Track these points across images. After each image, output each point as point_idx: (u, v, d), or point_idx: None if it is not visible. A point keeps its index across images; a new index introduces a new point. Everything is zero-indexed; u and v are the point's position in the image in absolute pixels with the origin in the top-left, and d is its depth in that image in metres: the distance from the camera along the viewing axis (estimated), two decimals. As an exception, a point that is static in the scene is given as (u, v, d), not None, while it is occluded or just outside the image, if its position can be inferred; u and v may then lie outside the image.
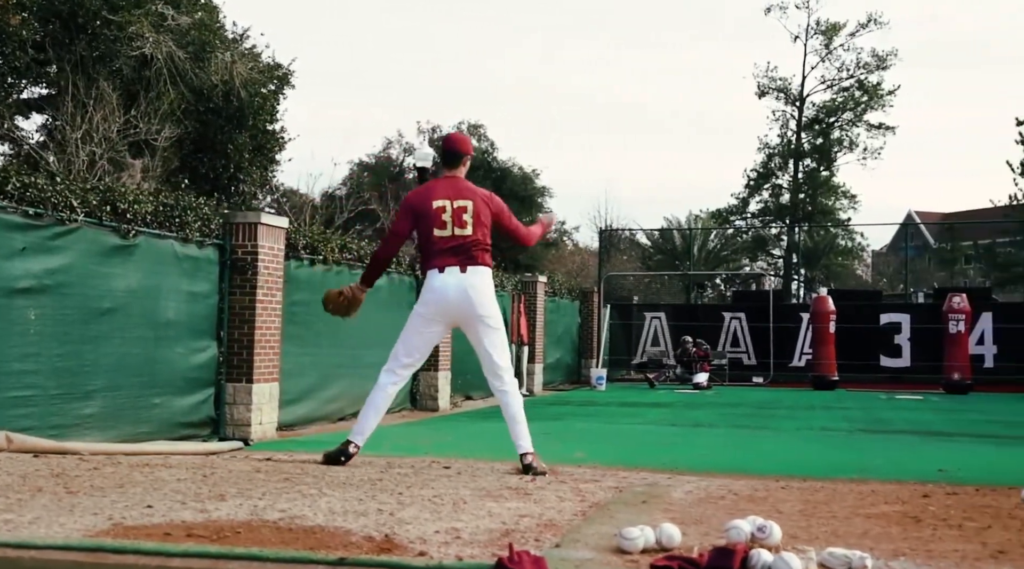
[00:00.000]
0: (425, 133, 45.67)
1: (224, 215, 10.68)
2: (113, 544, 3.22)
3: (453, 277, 6.52)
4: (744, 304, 24.98)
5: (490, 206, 6.65)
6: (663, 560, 3.36)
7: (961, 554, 3.74)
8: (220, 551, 3.21)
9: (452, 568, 3.22)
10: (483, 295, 6.59)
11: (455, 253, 6.52)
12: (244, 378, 10.44)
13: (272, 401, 10.81)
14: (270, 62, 20.37)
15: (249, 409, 10.40)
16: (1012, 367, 22.12)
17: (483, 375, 6.53)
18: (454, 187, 6.64)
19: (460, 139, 7.09)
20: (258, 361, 10.55)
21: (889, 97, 46.50)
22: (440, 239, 6.54)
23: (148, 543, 3.28)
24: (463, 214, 6.51)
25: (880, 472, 7.36)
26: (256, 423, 10.41)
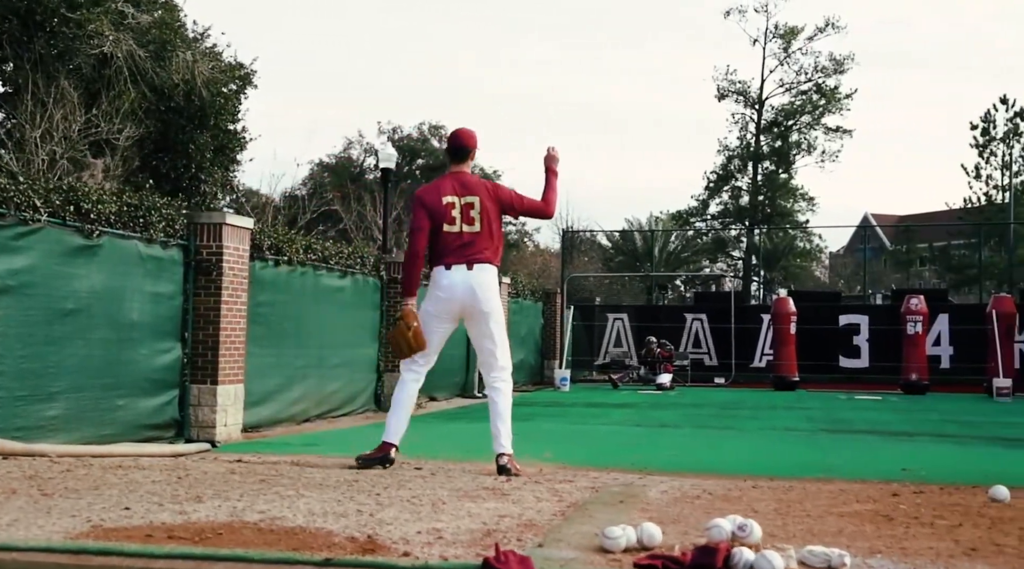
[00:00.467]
0: (386, 133, 45.61)
1: (188, 215, 10.58)
2: (97, 546, 3.20)
3: (460, 275, 6.59)
4: (706, 305, 25.14)
5: (496, 198, 6.70)
6: (646, 559, 3.39)
7: (935, 552, 3.79)
8: (205, 552, 3.19)
9: (438, 568, 3.23)
10: (489, 291, 6.66)
11: (463, 250, 6.59)
12: (209, 379, 10.35)
13: (237, 403, 10.73)
14: (232, 61, 20.22)
15: (214, 411, 10.32)
16: (967, 368, 22.44)
17: (447, 376, 6.43)
18: (462, 183, 6.71)
19: (467, 134, 6.99)
20: (223, 362, 10.47)
21: (846, 100, 47.10)
22: (449, 235, 6.61)
23: (131, 545, 3.26)
24: (471, 211, 6.58)
25: (845, 471, 7.44)
26: (221, 425, 10.33)
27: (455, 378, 17.94)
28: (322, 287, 13.07)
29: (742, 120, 47.50)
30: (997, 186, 49.80)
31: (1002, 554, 3.82)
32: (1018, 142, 47.15)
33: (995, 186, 49.88)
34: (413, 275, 6.80)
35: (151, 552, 3.17)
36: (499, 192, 6.79)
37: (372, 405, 14.54)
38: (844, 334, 23.39)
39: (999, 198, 49.27)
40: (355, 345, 14.17)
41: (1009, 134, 46.57)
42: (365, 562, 3.22)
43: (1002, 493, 5.42)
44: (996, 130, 49.83)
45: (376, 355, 14.77)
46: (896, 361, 21.60)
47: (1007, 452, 9.65)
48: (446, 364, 17.29)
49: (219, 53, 20.54)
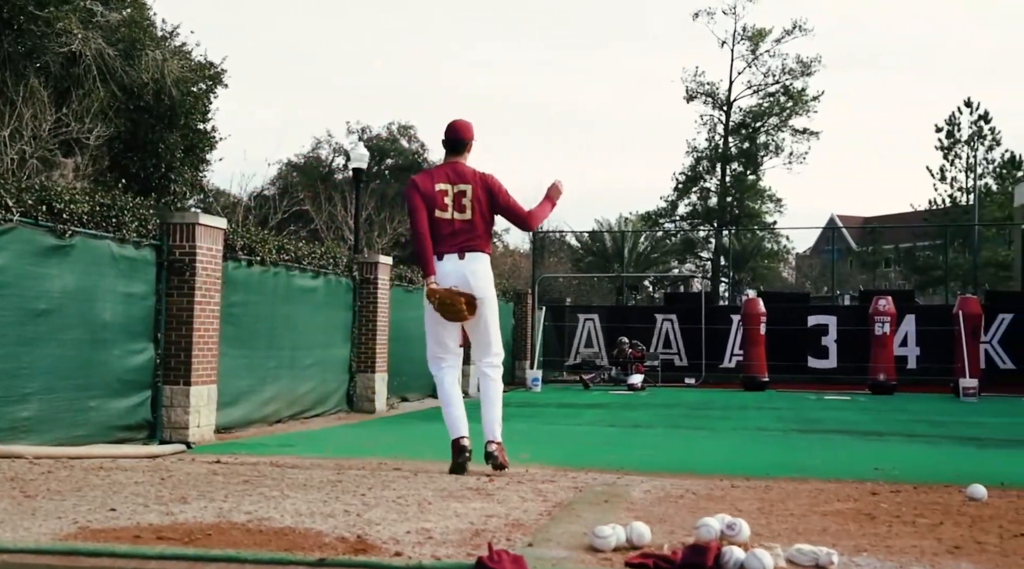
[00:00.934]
0: (355, 133, 45.44)
1: (161, 215, 10.52)
2: (87, 547, 3.18)
3: (452, 264, 6.64)
4: (676, 306, 25.24)
5: (486, 186, 6.73)
6: (638, 558, 3.41)
7: (919, 550, 3.84)
8: (196, 553, 3.18)
9: (432, 567, 3.23)
10: (481, 279, 6.71)
11: (455, 238, 6.64)
12: (182, 380, 10.29)
13: (210, 403, 10.68)
14: (202, 61, 20.08)
15: (187, 411, 10.26)
16: (934, 368, 22.70)
17: (418, 378, 6.40)
18: (456, 172, 6.76)
19: (464, 126, 7.02)
20: (196, 363, 10.42)
21: (813, 103, 47.44)
22: (441, 222, 6.65)
23: (122, 546, 3.24)
24: (463, 198, 6.63)
25: (819, 471, 7.51)
26: (194, 426, 10.27)
27: (425, 379, 17.89)
28: (295, 287, 13.02)
29: (710, 121, 47.81)
30: (962, 188, 50.42)
31: (985, 552, 3.87)
32: (982, 145, 47.74)
33: (959, 188, 50.52)
34: (425, 255, 6.74)
35: (142, 553, 3.16)
36: (488, 181, 6.80)
37: (344, 406, 14.51)
38: (812, 335, 23.58)
39: (963, 200, 49.86)
40: (328, 346, 14.13)
41: (973, 137, 47.13)
42: (358, 562, 3.22)
43: (980, 492, 5.50)
44: (960, 133, 50.47)
45: (348, 356, 14.74)
46: (864, 361, 21.80)
47: (977, 452, 9.76)
48: (416, 365, 17.26)
49: (188, 52, 20.40)
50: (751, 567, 3.35)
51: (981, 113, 50.55)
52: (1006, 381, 22.19)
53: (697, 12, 47.65)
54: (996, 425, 13.07)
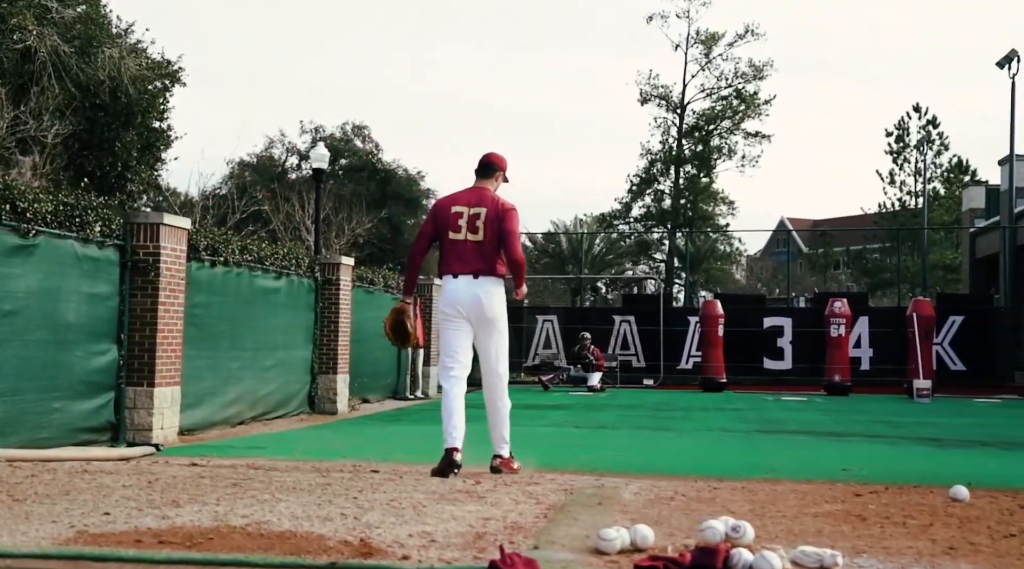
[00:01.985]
0: (309, 133, 45.07)
1: (125, 215, 10.40)
2: (93, 552, 3.13)
3: (464, 283, 6.91)
4: (634, 308, 25.38)
5: (499, 213, 6.94)
6: (647, 561, 3.42)
7: (916, 551, 3.90)
8: (204, 557, 3.14)
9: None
10: (493, 299, 6.96)
11: (467, 259, 6.89)
12: (145, 382, 10.18)
13: (174, 405, 10.57)
14: (159, 58, 19.83)
15: (150, 413, 10.14)
16: (887, 369, 23.04)
17: (377, 378, 6.47)
18: (477, 195, 7.04)
19: (498, 156, 7.40)
20: (160, 364, 10.30)
21: (765, 106, 47.80)
22: (455, 243, 6.92)
23: (129, 550, 3.19)
24: (476, 221, 6.89)
25: (788, 472, 7.58)
26: (158, 427, 10.16)
27: (386, 380, 17.88)
28: (257, 288, 12.92)
29: (664, 124, 47.99)
30: (911, 192, 51.16)
31: (979, 553, 3.93)
32: (930, 150, 48.47)
33: (908, 192, 51.26)
34: (409, 278, 7.30)
35: (150, 558, 3.12)
36: (503, 209, 7.00)
37: (306, 407, 14.41)
38: (768, 336, 23.82)
39: (912, 204, 50.61)
40: (290, 347, 14.03)
41: (922, 141, 47.82)
42: (369, 566, 3.20)
43: (962, 493, 5.59)
44: (909, 138, 51.23)
45: (310, 357, 14.64)
46: (818, 363, 22.06)
47: (938, 452, 9.91)
48: (376, 366, 17.22)
49: (144, 50, 20.14)
50: (759, 568, 3.38)
51: (929, 118, 51.39)
52: (957, 382, 22.60)
53: (651, 15, 47.82)
54: (952, 426, 13.28)
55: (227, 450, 8.50)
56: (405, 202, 43.55)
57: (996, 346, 24.49)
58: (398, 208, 42.97)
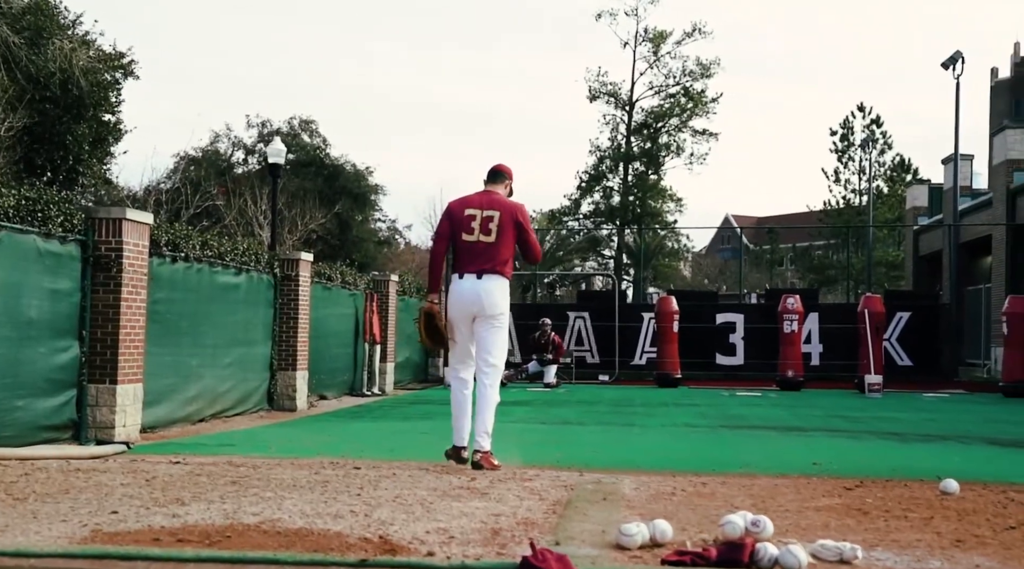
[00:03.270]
0: (255, 127, 44.53)
1: (87, 210, 10.23)
2: (119, 551, 3.07)
3: (469, 283, 7.28)
4: (588, 304, 25.46)
5: (515, 217, 7.38)
6: (674, 555, 3.43)
7: (926, 544, 3.95)
8: (233, 556, 3.10)
9: (475, 567, 3.20)
10: (495, 297, 7.33)
11: (476, 259, 7.28)
12: (108, 379, 10.03)
13: (136, 402, 10.43)
14: (111, 50, 19.49)
15: (113, 411, 10.00)
16: (837, 364, 23.37)
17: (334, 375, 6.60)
18: (488, 199, 7.44)
19: (507, 167, 7.87)
20: (123, 361, 10.16)
21: (712, 104, 48.23)
22: (467, 244, 7.32)
23: (155, 549, 3.14)
24: (489, 223, 7.27)
25: (762, 467, 7.66)
26: (120, 425, 10.02)
27: (342, 376, 17.76)
28: (217, 284, 12.79)
29: (613, 121, 48.25)
30: (855, 190, 51.92)
31: (987, 545, 4.01)
32: (874, 148, 49.20)
33: (853, 190, 52.02)
34: (433, 276, 7.69)
35: (178, 556, 3.07)
36: (519, 213, 7.43)
37: (265, 404, 14.28)
38: (720, 332, 24.04)
39: (856, 202, 51.37)
40: (249, 343, 13.89)
41: (866, 140, 48.53)
42: (399, 563, 3.17)
43: (953, 486, 5.70)
44: (854, 136, 51.98)
45: (269, 353, 14.51)
46: (769, 358, 22.30)
47: (902, 446, 10.06)
48: (333, 363, 17.11)
49: (92, 41, 19.78)
50: (786, 563, 3.41)
51: (873, 117, 52.20)
52: (904, 377, 22.97)
53: (600, 13, 48.08)
54: (908, 420, 13.49)
55: (199, 448, 8.40)
56: (354, 197, 43.21)
57: (941, 342, 24.96)
58: (346, 203, 42.66)
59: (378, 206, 45.18)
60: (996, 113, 76.15)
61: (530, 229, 7.56)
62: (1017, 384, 19.62)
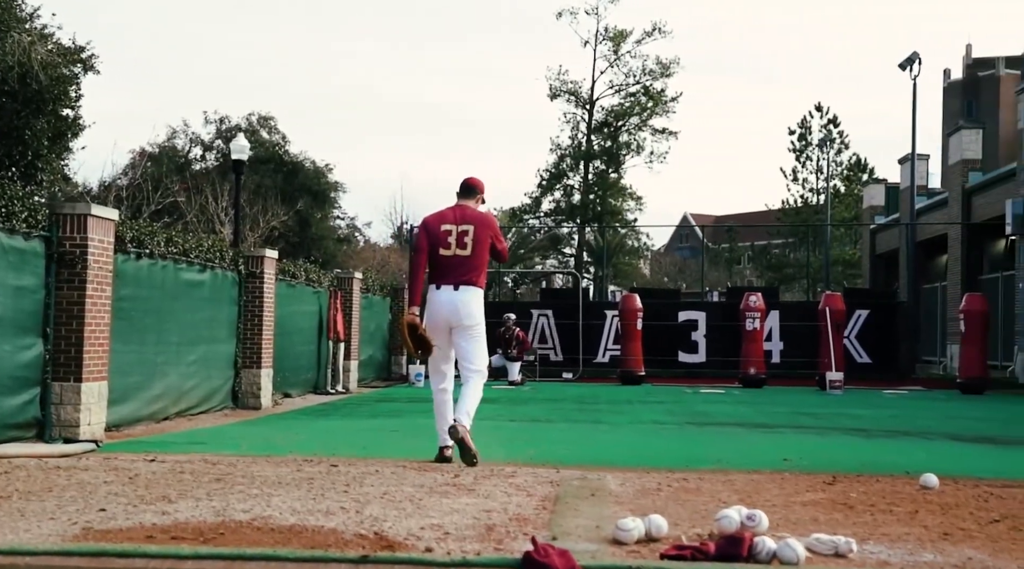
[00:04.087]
0: (213, 123, 44.17)
1: (52, 206, 10.09)
2: (117, 548, 3.02)
3: (447, 294, 7.65)
4: (552, 302, 25.51)
5: (487, 229, 7.80)
6: (673, 550, 3.44)
7: (915, 537, 4.00)
8: (232, 552, 3.06)
9: (478, 563, 3.19)
10: (471, 308, 7.71)
11: (453, 271, 7.65)
12: (72, 377, 9.90)
13: (101, 401, 10.30)
14: (70, 44, 19.21)
15: (77, 409, 9.87)
16: (797, 362, 23.57)
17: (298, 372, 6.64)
18: (462, 214, 7.81)
19: (479, 181, 8.21)
20: (87, 359, 10.03)
21: (672, 103, 48.49)
22: (444, 257, 7.68)
23: (153, 546, 3.10)
24: (464, 237, 7.66)
25: (734, 463, 7.73)
26: (85, 424, 9.89)
27: (306, 374, 17.65)
28: (182, 281, 12.67)
29: (574, 120, 48.38)
30: (813, 189, 52.42)
31: (974, 538, 4.06)
32: (831, 148, 49.70)
33: (811, 189, 52.51)
34: (414, 289, 7.96)
35: (176, 553, 3.03)
36: (490, 224, 7.91)
37: (229, 402, 14.16)
38: (682, 330, 24.16)
39: (814, 201, 51.86)
40: (213, 341, 13.77)
41: (824, 140, 49.01)
42: (401, 558, 3.15)
43: (932, 481, 5.78)
44: (811, 136, 52.47)
45: (234, 351, 14.38)
46: (730, 356, 22.45)
47: (868, 442, 10.17)
48: (297, 361, 17.00)
49: (51, 35, 19.49)
50: (784, 556, 3.44)
51: (830, 117, 52.72)
52: (864, 375, 23.20)
53: (561, 11, 48.16)
54: (871, 417, 13.63)
55: (169, 446, 8.31)
56: (313, 195, 42.95)
57: (898, 339, 25.26)
58: (306, 201, 42.41)
59: (338, 204, 45.02)
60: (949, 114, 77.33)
61: (501, 239, 7.99)
62: (974, 380, 19.92)
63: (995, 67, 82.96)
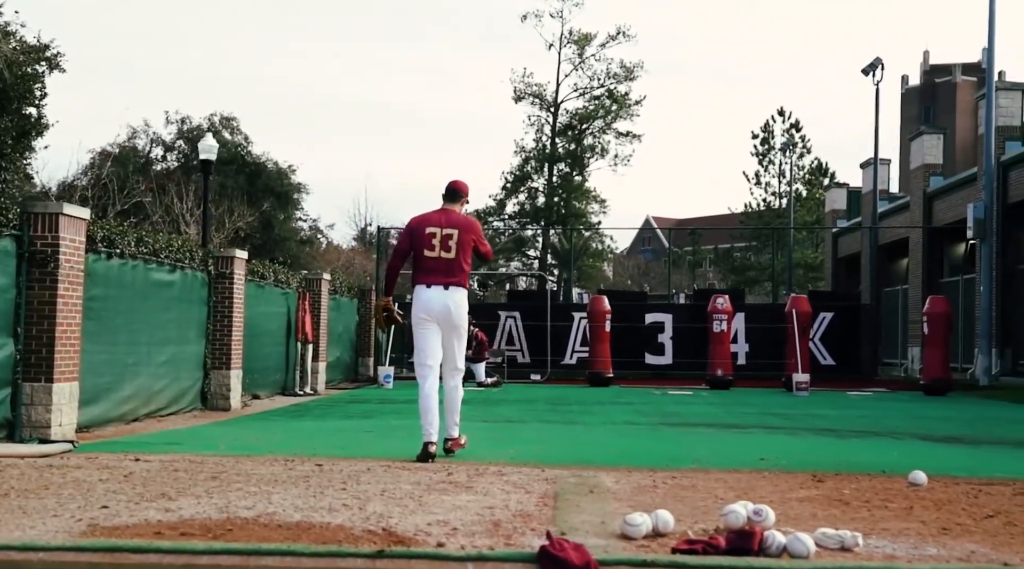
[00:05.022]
0: (174, 123, 43.72)
1: (23, 204, 9.99)
2: (131, 544, 3.00)
3: (438, 293, 7.92)
4: (519, 303, 25.53)
5: (472, 233, 8.10)
6: (684, 544, 3.46)
7: (916, 532, 4.05)
8: (249, 548, 3.05)
9: (493, 557, 3.19)
10: (459, 308, 8.01)
11: (439, 271, 7.93)
12: (43, 377, 9.81)
13: (72, 401, 10.22)
14: (35, 42, 18.95)
15: (49, 410, 9.78)
16: (762, 363, 23.76)
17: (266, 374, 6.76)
18: (447, 218, 8.07)
19: (464, 184, 8.42)
20: (59, 359, 9.94)
21: (636, 107, 48.68)
22: (428, 259, 7.95)
23: (167, 542, 3.08)
24: (449, 241, 7.93)
25: (714, 462, 7.78)
26: (56, 425, 9.80)
27: (274, 376, 17.55)
28: (152, 281, 12.57)
29: (538, 122, 48.44)
30: (775, 193, 52.84)
31: (972, 533, 4.12)
32: (794, 152, 50.12)
33: (773, 193, 52.93)
34: (389, 282, 8.48)
35: (191, 548, 3.01)
36: (474, 228, 8.23)
37: (199, 404, 14.05)
38: (649, 332, 24.27)
39: (777, 204, 52.29)
40: (183, 341, 13.66)
41: (787, 145, 49.40)
42: (417, 553, 3.15)
43: (921, 478, 5.84)
44: (774, 140, 52.90)
45: (203, 352, 14.27)
46: (696, 357, 22.59)
47: (840, 442, 10.26)
48: (265, 362, 16.89)
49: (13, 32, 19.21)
50: (795, 550, 3.47)
51: (793, 122, 53.16)
52: (828, 376, 23.42)
53: (525, 15, 48.18)
54: (839, 417, 13.76)
55: (146, 446, 8.23)
56: (276, 196, 42.64)
57: (862, 342, 25.53)
58: (269, 201, 42.11)
59: (300, 205, 44.77)
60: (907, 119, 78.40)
61: (484, 242, 8.31)
62: (937, 382, 20.14)
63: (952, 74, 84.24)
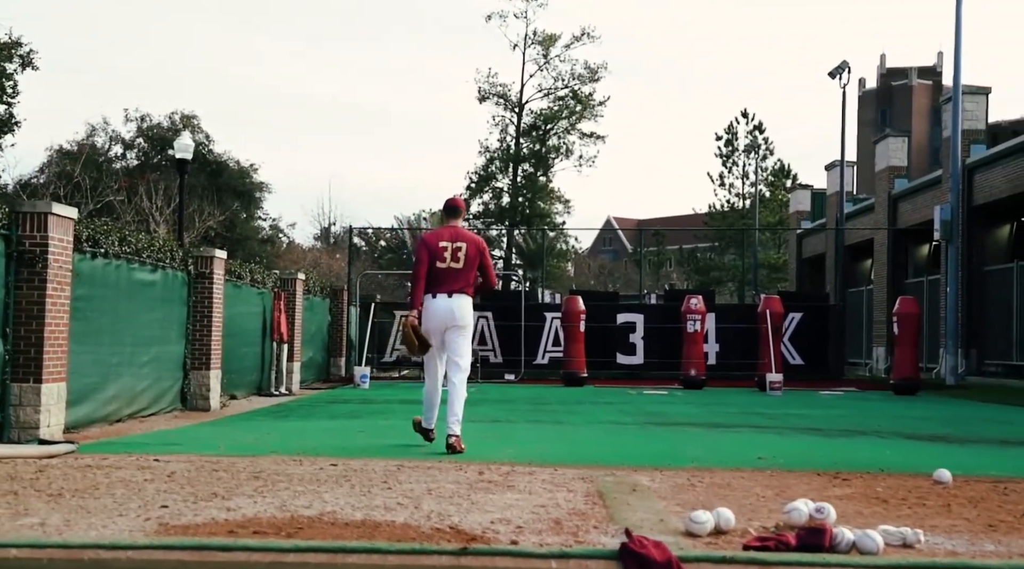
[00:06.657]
0: (134, 121, 43.29)
1: (12, 203, 9.87)
2: (218, 542, 3.00)
3: (443, 301, 8.77)
4: (491, 304, 25.53)
5: (478, 249, 8.95)
6: (755, 541, 3.50)
7: (964, 528, 4.12)
8: (335, 545, 3.06)
9: (575, 555, 3.21)
10: (464, 312, 8.84)
11: (448, 282, 8.76)
12: (32, 378, 9.72)
13: (60, 402, 10.13)
14: (7, 39, 18.69)
15: (37, 411, 9.69)
16: (733, 363, 23.96)
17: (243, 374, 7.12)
18: (455, 233, 8.94)
19: (461, 201, 9.44)
20: (47, 360, 9.85)
21: (600, 107, 48.89)
22: (440, 269, 8.77)
23: (255, 541, 3.07)
24: (459, 253, 8.83)
25: (712, 461, 7.84)
26: (44, 426, 9.70)
27: (250, 376, 17.45)
28: (135, 281, 12.48)
29: (503, 122, 48.52)
30: (739, 194, 53.25)
31: (1018, 530, 4.18)
32: (757, 154, 50.56)
33: (737, 194, 53.35)
34: (416, 294, 8.93)
35: (279, 546, 3.01)
36: (480, 245, 9.03)
37: (178, 404, 13.96)
38: (621, 332, 24.38)
39: (740, 205, 52.71)
40: (164, 342, 13.56)
41: (750, 146, 49.82)
42: (500, 550, 3.16)
43: (946, 477, 5.93)
44: (738, 142, 53.34)
45: (183, 352, 14.16)
46: (668, 357, 22.73)
47: (830, 441, 10.37)
48: (242, 362, 16.79)
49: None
50: (864, 546, 3.52)
51: (756, 123, 53.63)
52: (797, 376, 23.65)
53: (490, 15, 48.29)
54: (819, 416, 13.91)
55: (146, 447, 8.17)
56: (238, 195, 42.35)
57: (829, 342, 25.80)
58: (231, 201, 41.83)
59: (261, 204, 44.54)
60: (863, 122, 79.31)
61: (489, 260, 9.12)
62: (907, 381, 20.40)
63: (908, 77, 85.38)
